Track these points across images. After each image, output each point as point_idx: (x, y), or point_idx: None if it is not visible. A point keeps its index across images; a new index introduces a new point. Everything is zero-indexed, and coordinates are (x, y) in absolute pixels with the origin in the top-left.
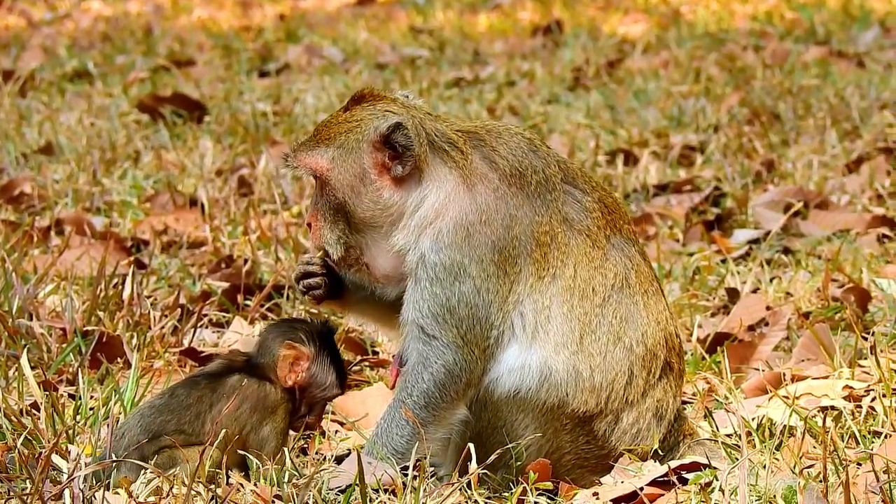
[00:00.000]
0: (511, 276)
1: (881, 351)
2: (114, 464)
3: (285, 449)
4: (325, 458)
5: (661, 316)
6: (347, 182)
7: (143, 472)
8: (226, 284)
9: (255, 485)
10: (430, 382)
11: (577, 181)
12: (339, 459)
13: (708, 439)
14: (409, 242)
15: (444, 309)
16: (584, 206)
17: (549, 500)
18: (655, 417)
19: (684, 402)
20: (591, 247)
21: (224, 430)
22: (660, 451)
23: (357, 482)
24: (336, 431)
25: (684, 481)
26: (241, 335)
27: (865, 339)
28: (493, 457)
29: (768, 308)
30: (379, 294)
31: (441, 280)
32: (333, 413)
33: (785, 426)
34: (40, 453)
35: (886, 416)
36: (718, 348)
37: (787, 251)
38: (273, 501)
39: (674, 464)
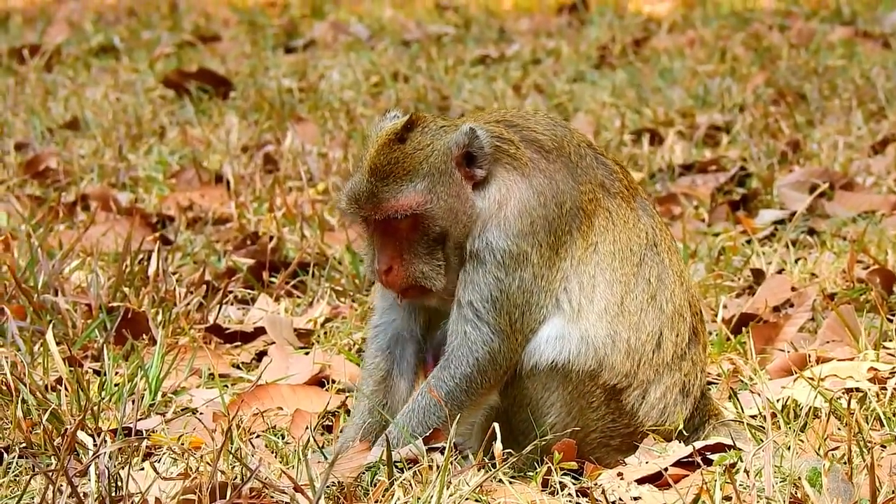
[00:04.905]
0: (561, 254)
1: None
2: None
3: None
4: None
5: (683, 275)
6: (448, 206)
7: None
8: (251, 261)
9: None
10: (475, 367)
11: (595, 146)
12: (363, 437)
13: (733, 420)
14: (475, 235)
15: (503, 295)
16: (611, 169)
17: (573, 480)
18: (682, 393)
19: (709, 383)
20: (625, 208)
21: None
22: (685, 432)
23: (383, 461)
24: None
25: (709, 462)
26: (266, 312)
27: (891, 320)
28: (528, 448)
29: (793, 289)
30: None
31: (506, 266)
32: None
33: (810, 408)
34: (65, 430)
35: None
36: (743, 329)
37: (812, 232)
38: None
39: (698, 444)
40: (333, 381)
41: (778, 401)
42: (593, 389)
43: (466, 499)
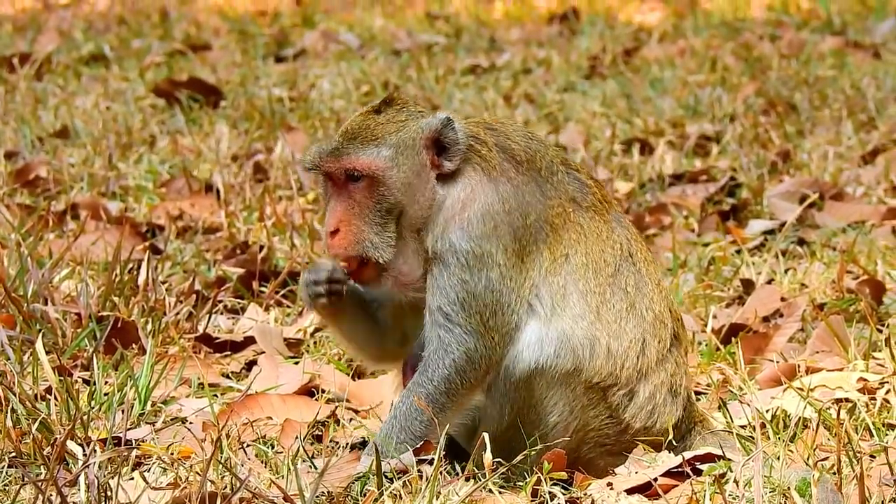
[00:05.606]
0: (527, 263)
1: None
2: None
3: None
4: (339, 445)
5: (661, 283)
6: (406, 180)
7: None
8: (241, 270)
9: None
10: (452, 369)
11: (569, 162)
12: (353, 447)
13: (722, 430)
14: (438, 234)
15: (470, 296)
16: (584, 183)
17: (563, 490)
18: (671, 393)
19: (698, 394)
20: (598, 221)
21: None
22: (674, 442)
23: (372, 471)
24: (350, 419)
25: (698, 472)
26: (256, 321)
27: (880, 331)
28: (518, 458)
29: (783, 299)
30: (384, 299)
31: (470, 267)
32: (348, 401)
33: (799, 418)
34: (55, 439)
35: None
36: (733, 339)
37: (802, 242)
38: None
39: (688, 455)
40: (323, 391)
41: (767, 411)
42: (585, 389)
43: None
